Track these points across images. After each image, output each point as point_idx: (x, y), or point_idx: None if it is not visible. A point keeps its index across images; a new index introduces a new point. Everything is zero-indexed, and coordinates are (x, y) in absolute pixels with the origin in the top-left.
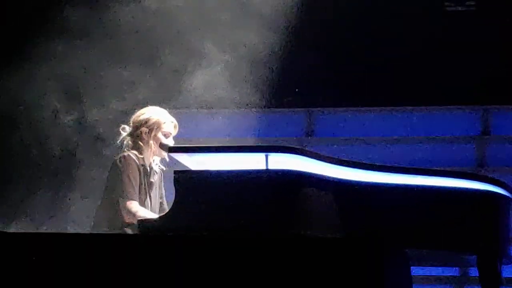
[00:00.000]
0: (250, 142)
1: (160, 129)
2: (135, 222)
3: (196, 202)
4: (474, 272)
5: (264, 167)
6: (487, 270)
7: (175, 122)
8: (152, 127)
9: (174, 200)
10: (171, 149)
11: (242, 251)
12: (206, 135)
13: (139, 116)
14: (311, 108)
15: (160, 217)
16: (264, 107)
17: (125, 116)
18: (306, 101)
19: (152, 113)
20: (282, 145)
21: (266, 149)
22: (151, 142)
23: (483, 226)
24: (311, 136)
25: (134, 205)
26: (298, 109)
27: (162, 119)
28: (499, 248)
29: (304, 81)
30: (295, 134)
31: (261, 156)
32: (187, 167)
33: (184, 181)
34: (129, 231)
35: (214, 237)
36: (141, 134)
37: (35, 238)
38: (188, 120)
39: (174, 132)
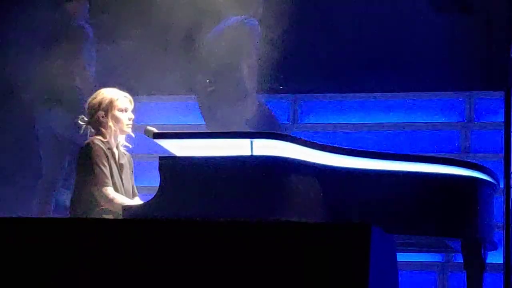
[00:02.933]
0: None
1: (115, 107)
2: (112, 208)
3: (181, 188)
4: (458, 258)
5: (249, 153)
6: (471, 256)
7: (129, 96)
8: (106, 108)
9: (159, 186)
10: (156, 135)
11: (227, 237)
12: (188, 121)
13: (92, 101)
14: (295, 94)
15: (144, 204)
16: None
17: None
18: (291, 87)
19: (103, 94)
20: (266, 131)
21: (251, 135)
22: (110, 123)
23: (466, 212)
24: (295, 123)
25: (110, 191)
26: (283, 95)
27: (115, 97)
28: (483, 234)
29: (288, 67)
30: (280, 120)
31: (246, 142)
32: (171, 153)
33: (169, 167)
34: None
35: (199, 223)
36: (98, 118)
37: (13, 223)
38: (171, 105)
39: (130, 106)
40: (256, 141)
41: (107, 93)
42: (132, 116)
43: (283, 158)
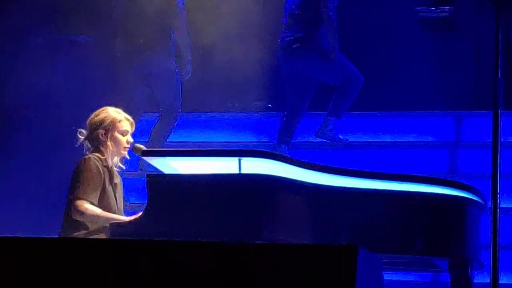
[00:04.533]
0: (223, 146)
1: (116, 128)
2: (83, 220)
3: (168, 206)
4: (445, 277)
5: (237, 171)
6: (458, 276)
7: (131, 119)
8: (107, 128)
9: (147, 204)
10: (144, 153)
11: (213, 256)
12: (180, 139)
13: (94, 118)
14: (284, 113)
15: (131, 222)
16: (238, 111)
17: None
18: (280, 105)
19: (106, 113)
20: (255, 149)
21: (239, 153)
22: (108, 143)
23: (454, 232)
24: None
25: (84, 204)
26: (272, 113)
27: (118, 118)
28: (470, 254)
29: (278, 86)
30: (270, 139)
31: (234, 160)
32: (160, 171)
33: (157, 185)
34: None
35: (186, 243)
36: (98, 136)
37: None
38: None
39: (131, 129)
40: (244, 160)
41: (111, 113)
42: (131, 140)
43: (271, 176)
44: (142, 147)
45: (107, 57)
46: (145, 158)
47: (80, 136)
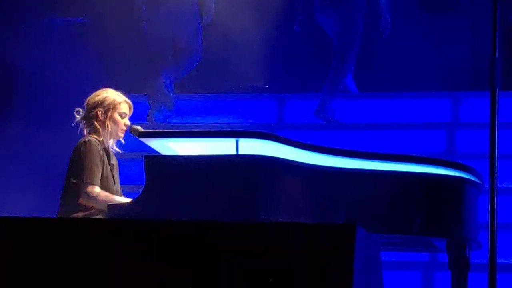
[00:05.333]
0: (221, 127)
1: (116, 109)
2: (96, 206)
3: (166, 187)
4: (443, 257)
5: (234, 152)
6: (456, 256)
7: (130, 102)
8: (108, 108)
9: (144, 185)
10: (141, 134)
11: (211, 237)
12: (176, 120)
13: (94, 97)
14: (281, 94)
15: (129, 202)
16: (235, 92)
17: None
18: (276, 86)
19: (107, 94)
20: (252, 130)
21: (237, 134)
22: (107, 123)
23: (451, 212)
24: (281, 122)
25: (95, 190)
26: (269, 94)
27: (118, 100)
28: (468, 234)
29: (274, 67)
30: (266, 120)
31: (231, 141)
32: (157, 152)
33: (154, 166)
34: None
35: (184, 223)
36: (97, 115)
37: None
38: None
39: (129, 112)
40: (242, 141)
41: (111, 94)
42: (129, 123)
43: (268, 157)
44: (140, 128)
45: (105, 39)
46: (142, 139)
47: (77, 116)
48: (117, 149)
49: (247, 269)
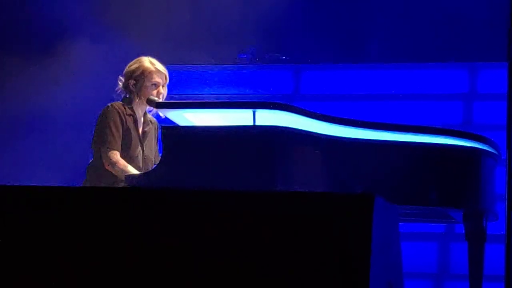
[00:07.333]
0: (238, 98)
1: (146, 79)
2: (114, 172)
3: (183, 157)
4: (459, 228)
5: (251, 123)
6: (473, 227)
7: (165, 71)
8: (138, 78)
9: (162, 156)
10: (158, 105)
11: (229, 207)
12: (192, 91)
13: (128, 68)
14: (298, 65)
15: (146, 173)
16: (251, 63)
17: None
18: (293, 57)
19: (139, 64)
20: (269, 101)
21: (254, 105)
22: (137, 93)
23: (468, 183)
24: (298, 93)
25: (114, 155)
26: (285, 65)
27: (149, 69)
28: (485, 205)
29: (291, 37)
30: (283, 91)
31: (248, 112)
32: (174, 122)
33: (171, 137)
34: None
35: (201, 193)
36: (128, 86)
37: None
38: (172, 75)
39: (163, 81)
40: (259, 111)
41: (143, 63)
42: (162, 92)
43: (285, 128)
44: (156, 99)
45: None
46: (159, 110)
47: (119, 83)
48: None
49: (263, 239)
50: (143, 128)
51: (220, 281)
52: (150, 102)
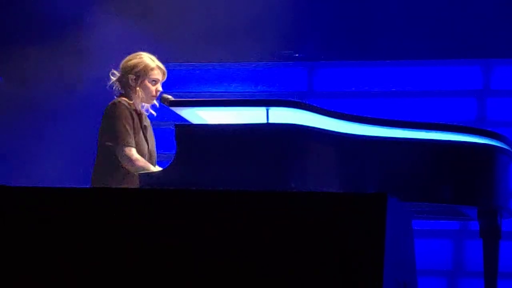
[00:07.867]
0: (251, 96)
1: (147, 75)
2: (132, 170)
3: (196, 156)
4: (474, 225)
5: (264, 121)
6: (487, 224)
7: (164, 68)
8: (139, 74)
9: (175, 154)
10: (172, 103)
11: (242, 205)
12: (205, 89)
13: (127, 62)
14: (312, 62)
15: (160, 171)
16: (265, 60)
17: None
18: (307, 55)
19: (140, 59)
20: (283, 99)
21: (267, 103)
22: (138, 89)
23: (482, 180)
24: (311, 90)
25: (133, 152)
26: (299, 62)
27: (150, 66)
28: (499, 202)
29: (305, 34)
30: (297, 88)
31: (262, 110)
32: (187, 120)
33: (185, 135)
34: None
35: (215, 192)
36: (128, 80)
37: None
38: (186, 73)
39: (161, 78)
40: (272, 109)
41: (144, 59)
42: (160, 89)
43: (299, 126)
44: (170, 97)
45: None
46: (172, 108)
47: (112, 77)
48: (153, 112)
49: (277, 238)
50: (143, 123)
51: (220, 281)
52: (164, 100)
